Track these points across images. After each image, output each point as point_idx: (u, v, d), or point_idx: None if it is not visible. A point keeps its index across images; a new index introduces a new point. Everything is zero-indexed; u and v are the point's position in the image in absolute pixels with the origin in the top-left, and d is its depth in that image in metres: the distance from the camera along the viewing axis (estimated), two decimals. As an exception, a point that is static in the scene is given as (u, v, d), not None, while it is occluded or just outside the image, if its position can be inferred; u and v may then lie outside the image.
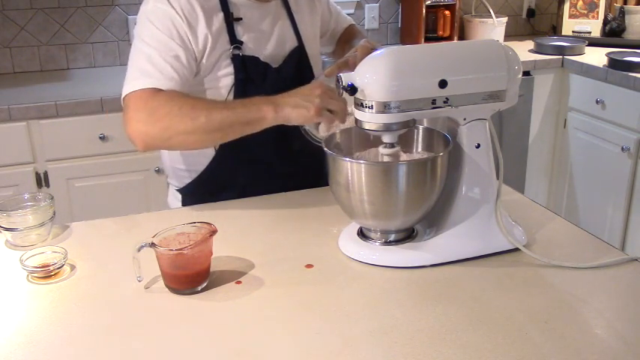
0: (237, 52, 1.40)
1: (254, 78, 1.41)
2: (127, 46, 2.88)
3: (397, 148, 1.15)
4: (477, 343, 0.92)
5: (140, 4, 1.44)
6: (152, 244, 1.05)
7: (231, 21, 1.40)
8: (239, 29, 1.42)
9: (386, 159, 1.16)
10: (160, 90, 1.29)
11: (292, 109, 1.21)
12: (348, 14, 3.16)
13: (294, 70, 1.49)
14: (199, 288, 1.07)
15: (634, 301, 1.04)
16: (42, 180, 2.38)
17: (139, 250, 1.05)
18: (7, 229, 1.22)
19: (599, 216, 2.87)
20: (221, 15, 1.40)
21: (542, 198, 3.17)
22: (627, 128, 2.66)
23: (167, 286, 1.08)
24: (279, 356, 0.91)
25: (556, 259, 1.14)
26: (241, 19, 1.42)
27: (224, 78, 1.41)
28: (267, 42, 1.46)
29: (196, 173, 1.51)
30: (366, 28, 3.26)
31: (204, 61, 1.38)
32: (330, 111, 1.21)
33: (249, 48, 1.43)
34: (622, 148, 2.66)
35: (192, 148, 1.40)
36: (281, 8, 1.51)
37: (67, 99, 2.37)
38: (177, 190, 1.57)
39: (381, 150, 1.16)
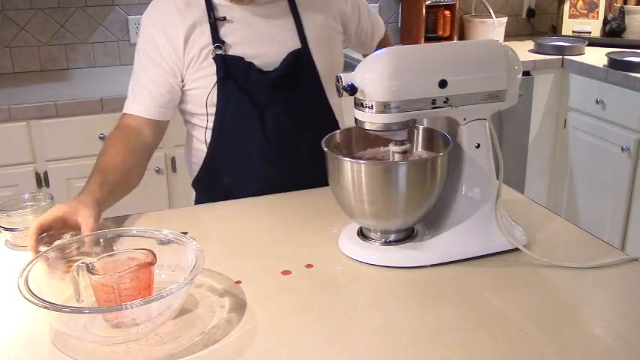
0: (219, 51, 1.41)
1: (236, 77, 1.43)
2: (127, 46, 2.89)
3: (407, 145, 1.15)
4: (477, 343, 0.92)
5: (140, 4, 1.46)
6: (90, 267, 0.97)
7: (214, 21, 1.42)
8: (223, 29, 1.43)
9: (397, 157, 1.16)
10: (125, 115, 1.46)
11: None
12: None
13: (292, 73, 1.47)
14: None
15: (634, 301, 1.04)
16: (42, 180, 2.38)
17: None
18: (7, 229, 1.22)
19: (599, 216, 2.87)
20: (204, 14, 1.43)
21: (542, 198, 3.17)
22: (627, 128, 2.66)
23: None
24: (278, 356, 0.91)
25: (556, 259, 1.14)
26: (225, 18, 1.43)
27: (206, 78, 1.43)
28: (258, 42, 1.46)
29: (199, 167, 1.54)
30: (366, 28, 3.26)
31: (186, 58, 1.43)
32: None
33: (234, 48, 1.44)
34: (622, 148, 2.66)
35: None
36: (284, 9, 1.49)
37: (67, 99, 2.37)
38: (191, 184, 1.61)
39: (392, 147, 1.16)
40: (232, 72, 1.43)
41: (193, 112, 1.49)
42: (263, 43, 1.46)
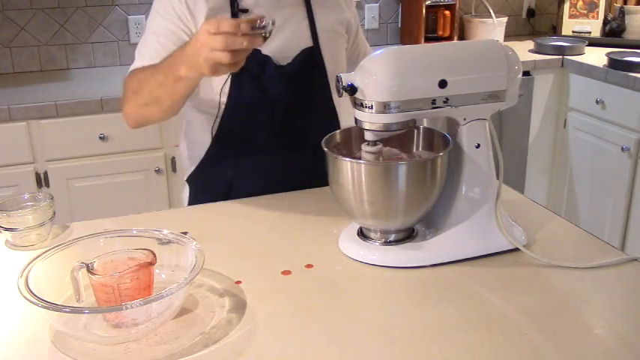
0: None
1: (251, 70, 1.42)
2: (127, 46, 2.89)
3: (380, 146, 1.15)
4: (477, 343, 0.92)
5: (140, 4, 1.45)
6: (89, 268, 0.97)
7: (235, 12, 1.42)
8: None
9: (367, 157, 1.15)
10: (133, 71, 1.39)
11: (191, 69, 1.19)
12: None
13: (304, 70, 1.48)
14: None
15: (634, 301, 1.04)
16: (42, 180, 2.38)
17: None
18: (7, 229, 1.22)
19: (599, 216, 2.87)
20: (227, 4, 1.42)
21: (542, 198, 3.17)
22: (627, 128, 2.66)
23: None
24: (278, 356, 0.91)
25: (556, 259, 1.14)
26: (247, 10, 1.43)
27: None
28: (275, 36, 1.45)
29: (198, 160, 1.53)
30: (366, 28, 3.26)
31: None
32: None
33: None
34: (622, 148, 2.66)
35: (156, 120, 1.45)
36: (299, 6, 1.49)
37: (67, 99, 2.37)
38: (186, 180, 1.60)
39: (364, 147, 1.15)
40: (248, 64, 1.42)
41: (202, 97, 1.48)
42: (279, 37, 1.46)
